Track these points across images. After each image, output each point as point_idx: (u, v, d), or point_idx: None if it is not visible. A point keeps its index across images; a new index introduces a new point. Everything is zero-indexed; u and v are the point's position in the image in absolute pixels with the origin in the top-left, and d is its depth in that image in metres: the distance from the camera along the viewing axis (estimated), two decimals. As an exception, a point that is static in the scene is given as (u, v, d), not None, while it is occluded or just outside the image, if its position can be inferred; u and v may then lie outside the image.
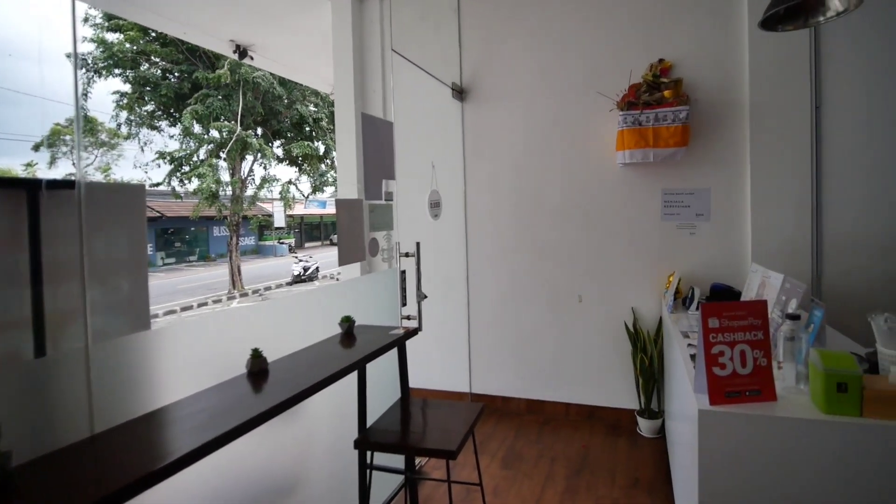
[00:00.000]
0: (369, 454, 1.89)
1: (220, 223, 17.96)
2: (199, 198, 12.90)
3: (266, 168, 14.35)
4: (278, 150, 14.56)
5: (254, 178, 14.14)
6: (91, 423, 1.16)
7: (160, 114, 13.12)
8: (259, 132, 13.85)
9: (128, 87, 12.45)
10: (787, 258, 2.73)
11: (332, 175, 15.87)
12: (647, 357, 2.96)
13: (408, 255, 2.49)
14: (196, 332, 1.62)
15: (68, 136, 12.07)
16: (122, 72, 12.13)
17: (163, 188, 13.54)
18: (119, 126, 12.93)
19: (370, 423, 1.87)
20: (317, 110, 14.69)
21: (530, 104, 3.30)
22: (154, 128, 13.11)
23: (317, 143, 14.89)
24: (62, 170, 12.21)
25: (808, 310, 1.60)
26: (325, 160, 15.22)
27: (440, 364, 3.63)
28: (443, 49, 3.50)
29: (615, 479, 2.54)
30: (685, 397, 1.65)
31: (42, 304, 1.16)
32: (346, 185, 3.60)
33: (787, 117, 2.72)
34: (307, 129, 14.72)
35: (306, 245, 26.05)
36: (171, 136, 13.48)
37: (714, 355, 1.36)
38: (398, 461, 2.15)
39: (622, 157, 2.92)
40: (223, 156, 12.90)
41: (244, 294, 13.90)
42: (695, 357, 1.51)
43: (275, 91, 13.16)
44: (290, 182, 14.89)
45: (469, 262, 3.54)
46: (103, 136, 13.60)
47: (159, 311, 11.52)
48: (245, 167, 13.88)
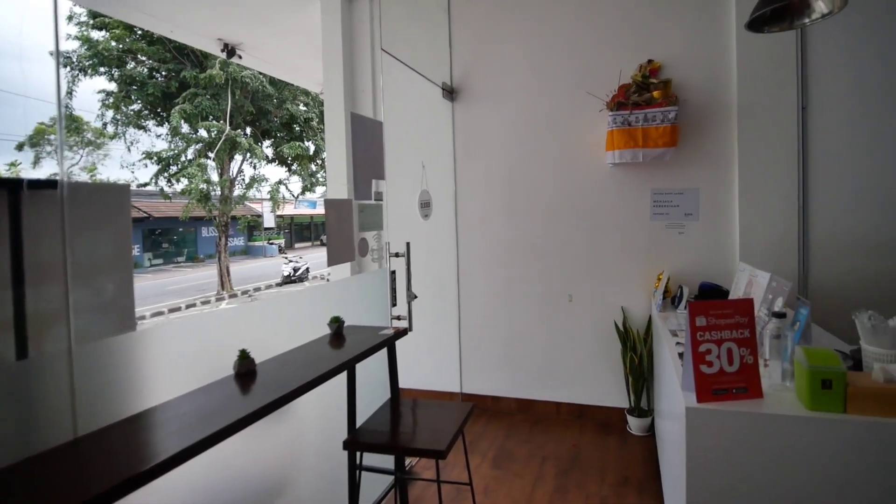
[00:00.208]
0: (359, 455, 1.87)
1: (209, 224, 17.78)
2: (189, 198, 12.76)
3: (255, 168, 14.25)
4: (268, 149, 14.45)
5: (244, 179, 14.01)
6: (74, 425, 1.14)
7: (147, 113, 12.95)
8: (248, 132, 13.73)
9: (113, 86, 12.27)
10: (774, 257, 2.77)
11: (323, 175, 15.79)
12: (637, 356, 2.98)
13: (398, 255, 2.48)
14: (183, 333, 1.60)
15: (53, 136, 11.87)
16: (107, 70, 11.95)
17: (150, 188, 13.37)
18: (105, 125, 12.74)
19: (360, 423, 1.86)
20: (307, 110, 14.60)
21: (521, 104, 3.31)
22: (141, 127, 12.93)
23: (307, 143, 14.80)
24: (46, 170, 12.01)
25: (795, 308, 1.62)
26: (316, 160, 15.14)
27: (431, 364, 3.63)
28: (433, 49, 3.50)
29: (605, 478, 2.55)
30: (673, 395, 1.66)
31: (24, 306, 1.14)
32: (336, 185, 3.58)
33: (775, 118, 2.75)
34: (297, 128, 14.63)
35: (296, 245, 25.88)
36: (159, 136, 13.34)
37: (701, 353, 1.37)
38: (388, 461, 2.14)
39: (612, 158, 2.93)
40: (212, 156, 12.77)
41: (233, 295, 13.77)
42: (683, 355, 1.52)
43: (265, 90, 13.05)
44: (279, 182, 14.78)
45: (459, 262, 3.54)
46: (89, 136, 13.39)
47: (146, 313, 11.38)
48: (234, 167, 13.76)
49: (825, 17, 1.74)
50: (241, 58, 4.73)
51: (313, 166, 15.35)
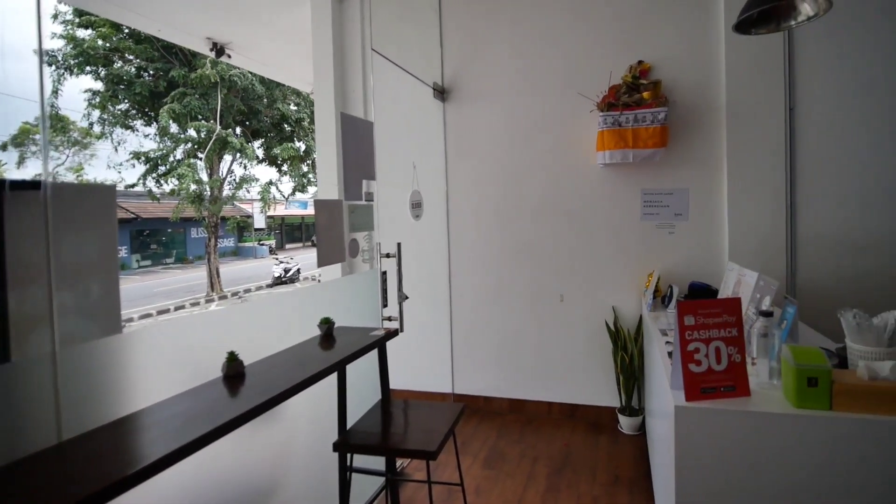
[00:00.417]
0: (349, 456, 1.86)
1: (198, 224, 17.61)
2: (180, 199, 12.62)
3: (246, 168, 14.13)
4: (259, 150, 14.35)
5: (235, 179, 13.89)
6: (58, 430, 1.12)
7: (135, 113, 12.78)
8: (238, 131, 13.62)
9: (100, 86, 12.09)
10: (762, 256, 2.80)
11: (314, 176, 15.70)
12: (628, 355, 2.99)
13: (389, 255, 2.47)
14: (170, 335, 1.59)
15: (38, 136, 11.68)
16: (94, 69, 11.78)
17: (139, 189, 13.21)
18: (91, 125, 12.56)
19: (350, 425, 1.85)
20: (298, 110, 14.51)
21: (512, 104, 3.31)
22: (128, 127, 12.76)
23: (298, 143, 14.71)
24: (31, 170, 11.83)
25: (782, 307, 1.64)
26: (307, 160, 15.05)
27: (422, 365, 3.62)
28: (424, 49, 3.49)
29: (596, 477, 2.56)
30: (663, 394, 1.67)
31: (6, 308, 1.12)
32: (327, 186, 3.56)
33: (763, 119, 2.78)
34: (288, 128, 14.53)
35: (287, 246, 25.70)
36: (147, 136, 13.17)
37: (690, 352, 1.38)
38: (379, 463, 2.13)
39: (602, 158, 2.95)
40: (201, 156, 12.64)
41: (223, 297, 13.64)
42: (672, 354, 1.53)
43: (255, 89, 12.95)
44: (270, 183, 14.66)
45: (451, 262, 3.53)
46: (75, 135, 13.20)
47: (134, 315, 11.23)
48: (224, 167, 13.63)
49: (811, 19, 1.76)
50: (230, 57, 4.69)
51: (304, 167, 15.26)
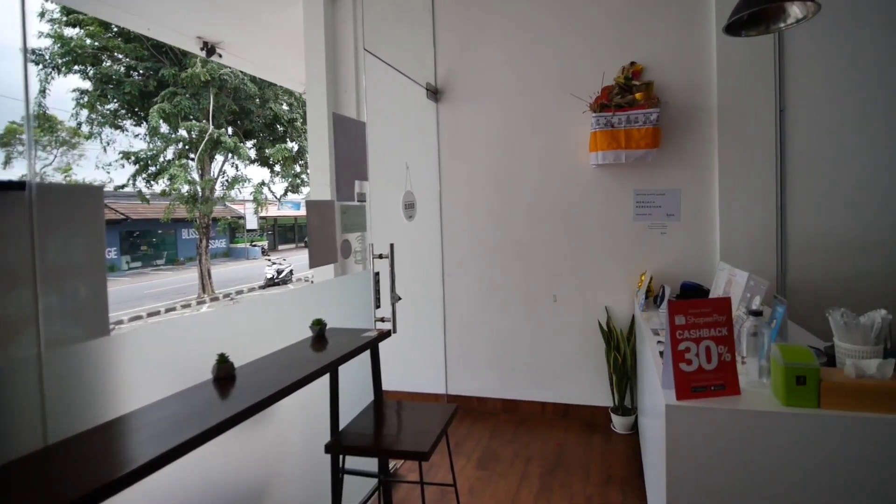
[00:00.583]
0: (341, 458, 1.85)
1: (189, 225, 17.46)
2: (172, 199, 12.50)
3: (237, 168, 14.03)
4: (251, 150, 14.25)
5: (227, 179, 13.78)
6: (45, 433, 1.11)
7: (124, 112, 12.64)
8: (230, 132, 13.52)
9: (88, 85, 11.95)
10: (753, 256, 2.82)
11: (307, 176, 15.60)
12: (621, 355, 3.01)
13: (381, 256, 2.47)
14: (160, 337, 1.57)
15: (25, 135, 11.52)
16: (82, 68, 11.63)
17: (128, 190, 13.07)
18: (79, 125, 12.40)
19: (343, 426, 1.84)
20: (290, 110, 14.43)
21: (505, 105, 3.32)
22: (118, 127, 12.62)
23: (291, 144, 14.63)
24: (18, 170, 11.67)
25: (772, 306, 1.65)
26: (300, 160, 14.98)
27: (416, 366, 3.61)
28: (417, 49, 3.49)
29: (589, 476, 2.57)
30: (654, 393, 1.68)
31: (-10, 311, 1.10)
32: (319, 186, 3.55)
33: (753, 120, 2.81)
34: (280, 129, 14.45)
35: (280, 247, 25.55)
36: (137, 136, 13.02)
37: (680, 352, 1.38)
38: (372, 464, 2.12)
39: (595, 159, 2.96)
40: (193, 156, 12.53)
41: (214, 298, 13.54)
42: (663, 353, 1.54)
43: (247, 89, 12.86)
44: (262, 184, 14.57)
45: (444, 263, 3.53)
46: (63, 135, 13.03)
47: (124, 317, 11.12)
48: (215, 167, 13.52)
49: (800, 21, 1.78)
50: (221, 56, 4.66)
51: (297, 167, 15.19)
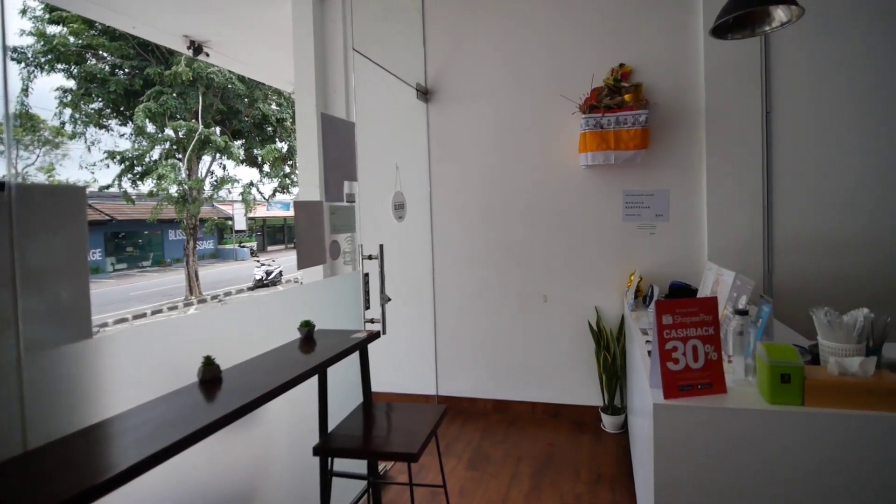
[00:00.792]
0: (330, 460, 1.84)
1: (177, 226, 17.25)
2: (160, 199, 12.33)
3: (225, 169, 13.89)
4: (239, 150, 14.12)
5: (216, 180, 13.62)
6: (24, 438, 1.08)
7: (109, 112, 12.45)
8: (218, 131, 13.38)
9: (72, 83, 11.74)
10: (740, 256, 2.86)
11: (296, 176, 15.48)
12: (610, 355, 3.02)
13: (371, 257, 2.45)
14: (144, 340, 1.54)
15: (6, 135, 11.30)
16: (65, 67, 11.43)
17: (114, 190, 12.87)
18: (63, 124, 12.18)
19: (332, 428, 1.83)
20: (280, 110, 14.32)
21: (495, 106, 3.32)
22: (102, 126, 12.42)
23: (281, 144, 14.52)
24: (-1, 170, 11.44)
25: (758, 305, 1.67)
26: (289, 161, 14.87)
27: (406, 367, 3.60)
28: (407, 49, 3.48)
29: (579, 475, 2.58)
30: (642, 392, 1.69)
31: (-33, 313, 1.08)
32: (308, 187, 3.52)
33: (740, 122, 2.84)
34: (269, 129, 14.33)
35: (269, 248, 25.35)
36: (122, 136, 12.83)
37: (668, 351, 1.39)
38: (361, 466, 2.11)
39: (584, 160, 2.98)
40: (181, 156, 12.37)
41: (202, 300, 13.38)
42: (651, 353, 1.55)
43: (235, 88, 12.74)
44: (251, 184, 14.43)
45: (435, 263, 3.52)
46: (46, 135, 12.80)
47: (109, 320, 10.94)
48: (203, 167, 13.37)
49: (784, 25, 1.81)
50: (208, 55, 4.61)
51: (287, 167, 15.08)
